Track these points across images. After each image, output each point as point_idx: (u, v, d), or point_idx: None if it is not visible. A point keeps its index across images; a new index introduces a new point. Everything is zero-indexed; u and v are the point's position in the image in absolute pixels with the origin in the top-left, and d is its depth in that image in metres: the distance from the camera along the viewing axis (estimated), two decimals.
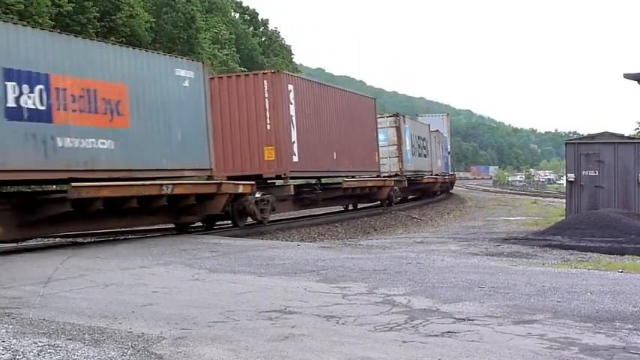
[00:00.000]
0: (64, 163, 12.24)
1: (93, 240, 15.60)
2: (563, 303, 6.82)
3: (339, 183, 23.29)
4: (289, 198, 20.40)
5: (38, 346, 4.97)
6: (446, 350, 4.99)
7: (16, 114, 11.40)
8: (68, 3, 29.52)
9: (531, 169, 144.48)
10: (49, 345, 5.02)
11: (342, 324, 5.91)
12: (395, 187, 28.50)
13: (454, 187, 52.83)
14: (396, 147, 30.98)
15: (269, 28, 77.39)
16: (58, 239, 15.33)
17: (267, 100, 19.13)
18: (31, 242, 14.27)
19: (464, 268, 9.57)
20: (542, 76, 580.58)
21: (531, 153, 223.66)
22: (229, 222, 17.63)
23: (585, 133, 25.78)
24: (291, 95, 19.90)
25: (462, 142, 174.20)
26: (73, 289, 7.74)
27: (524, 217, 25.14)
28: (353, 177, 24.69)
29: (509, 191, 62.39)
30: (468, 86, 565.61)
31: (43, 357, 4.73)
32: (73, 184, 11.96)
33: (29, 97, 11.61)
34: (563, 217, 18.51)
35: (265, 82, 19.21)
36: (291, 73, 21.63)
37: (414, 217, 27.49)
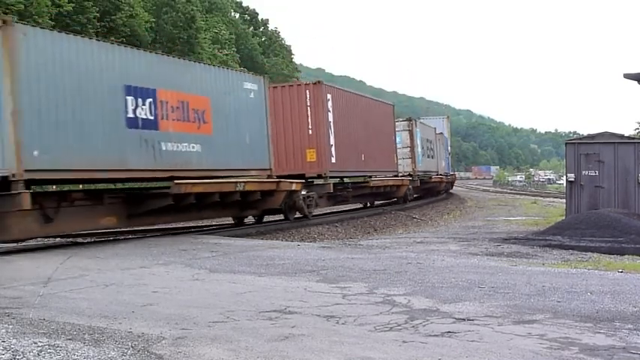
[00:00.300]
0: (167, 163, 14.70)
1: (93, 240, 15.61)
2: (563, 303, 6.82)
3: (366, 182, 25.91)
4: (326, 195, 22.59)
5: (38, 346, 4.97)
6: (446, 350, 4.99)
7: (133, 123, 13.81)
8: (68, 3, 29.52)
9: (531, 169, 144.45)
10: (49, 345, 5.02)
11: (342, 324, 5.91)
12: (409, 186, 31.31)
13: (454, 187, 53.17)
14: (409, 149, 33.18)
15: (269, 28, 77.34)
16: (58, 239, 15.34)
17: (309, 108, 21.73)
18: (31, 242, 14.27)
19: (464, 268, 9.57)
20: (542, 76, 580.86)
21: (531, 153, 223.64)
22: (279, 216, 20.21)
23: (585, 133, 25.79)
24: (329, 104, 22.46)
25: (461, 142, 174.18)
26: (73, 289, 7.74)
27: (524, 217, 25.14)
28: (377, 176, 27.20)
29: (509, 191, 62.40)
30: (468, 86, 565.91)
31: (43, 357, 4.73)
32: (176, 181, 14.38)
33: (142, 108, 14.07)
34: (563, 217, 18.51)
35: (307, 91, 21.94)
36: (329, 84, 23.56)
37: (414, 217, 27.50)
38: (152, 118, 14.25)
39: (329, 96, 22.49)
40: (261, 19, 77.98)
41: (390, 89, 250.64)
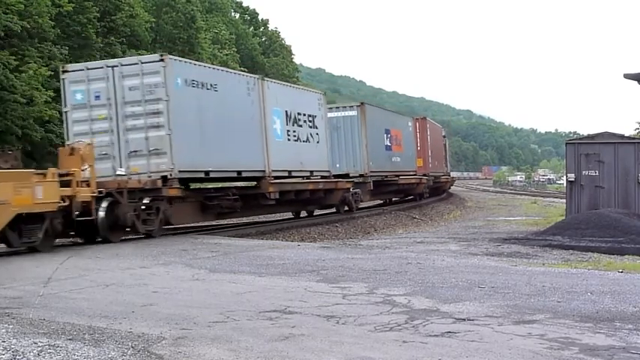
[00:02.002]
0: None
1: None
2: (563, 303, 6.82)
3: (396, 180, 29.63)
4: (367, 192, 26.15)
5: (38, 346, 4.96)
6: (446, 350, 4.99)
7: (387, 148, 27.70)
8: (68, 3, 29.51)
9: (530, 169, 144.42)
10: (49, 345, 5.02)
11: (342, 324, 5.90)
12: (426, 185, 35.14)
13: (452, 187, 53.58)
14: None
15: (269, 28, 77.28)
16: (57, 239, 15.31)
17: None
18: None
19: (464, 268, 9.56)
20: (542, 76, 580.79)
21: (531, 153, 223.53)
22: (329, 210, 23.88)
23: (585, 133, 25.80)
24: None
25: (462, 142, 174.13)
26: (73, 289, 7.74)
27: (524, 217, 25.14)
28: (404, 176, 31.17)
29: (509, 191, 62.40)
30: (468, 86, 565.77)
31: (43, 357, 4.73)
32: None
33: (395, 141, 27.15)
34: (564, 217, 18.50)
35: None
36: (429, 120, 30.87)
37: (414, 217, 27.51)
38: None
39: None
40: (261, 19, 77.97)
41: (390, 89, 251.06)
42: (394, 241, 15.57)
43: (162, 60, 14.61)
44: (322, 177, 21.38)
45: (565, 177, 19.55)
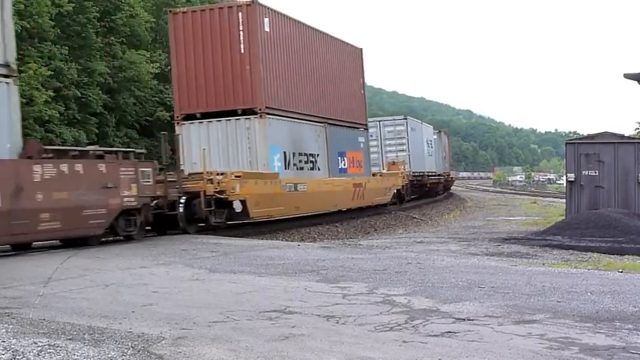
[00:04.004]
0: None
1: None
2: (563, 303, 6.82)
3: (426, 179, 40.26)
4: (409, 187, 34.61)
5: (38, 346, 4.96)
6: (446, 350, 4.99)
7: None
8: (68, 3, 29.48)
9: (530, 169, 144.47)
10: (49, 345, 5.02)
11: (342, 324, 5.91)
12: (443, 183, 46.58)
13: (452, 187, 54.16)
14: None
15: None
16: (57, 240, 15.31)
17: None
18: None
19: (464, 268, 9.56)
20: (542, 76, 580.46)
21: (531, 153, 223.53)
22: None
23: (585, 133, 25.80)
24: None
25: (462, 142, 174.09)
26: (73, 289, 7.74)
27: (524, 217, 25.14)
28: (431, 176, 42.09)
29: (509, 191, 62.41)
30: (468, 86, 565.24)
31: (43, 357, 4.73)
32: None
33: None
34: (563, 217, 18.50)
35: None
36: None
37: (414, 217, 27.51)
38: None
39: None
40: None
41: (390, 89, 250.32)
42: (394, 241, 15.58)
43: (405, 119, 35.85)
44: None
45: (565, 177, 19.56)
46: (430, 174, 41.45)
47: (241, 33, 19.04)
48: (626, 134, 23.24)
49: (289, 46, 21.19)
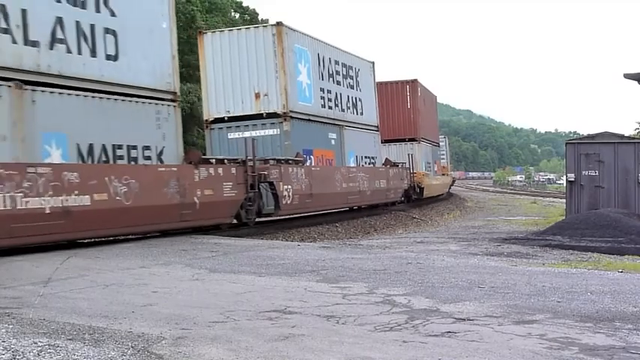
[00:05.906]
0: None
1: (92, 240, 15.58)
2: (563, 303, 6.82)
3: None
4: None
5: (38, 346, 4.96)
6: (446, 350, 4.99)
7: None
8: None
9: (531, 168, 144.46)
10: (49, 345, 5.02)
11: (342, 324, 5.90)
12: (451, 184, 50.81)
13: (452, 187, 54.80)
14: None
15: None
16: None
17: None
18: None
19: (464, 268, 9.56)
20: (542, 76, 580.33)
21: (531, 153, 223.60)
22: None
23: (585, 133, 25.79)
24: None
25: (462, 142, 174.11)
26: (73, 289, 7.74)
27: (524, 217, 25.14)
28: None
29: (509, 191, 62.43)
30: (468, 86, 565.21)
31: (43, 357, 4.73)
32: None
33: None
34: (563, 217, 18.51)
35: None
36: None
37: (414, 217, 27.51)
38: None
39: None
40: (261, 19, 77.88)
41: None
42: (394, 241, 15.58)
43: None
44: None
45: (565, 177, 19.56)
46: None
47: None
48: (626, 134, 23.25)
49: None
